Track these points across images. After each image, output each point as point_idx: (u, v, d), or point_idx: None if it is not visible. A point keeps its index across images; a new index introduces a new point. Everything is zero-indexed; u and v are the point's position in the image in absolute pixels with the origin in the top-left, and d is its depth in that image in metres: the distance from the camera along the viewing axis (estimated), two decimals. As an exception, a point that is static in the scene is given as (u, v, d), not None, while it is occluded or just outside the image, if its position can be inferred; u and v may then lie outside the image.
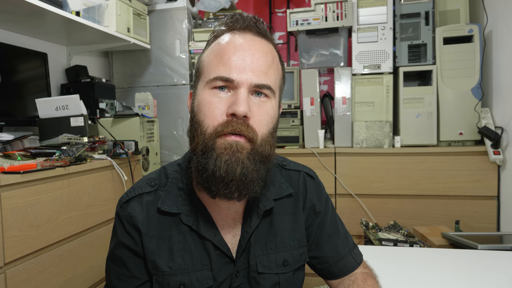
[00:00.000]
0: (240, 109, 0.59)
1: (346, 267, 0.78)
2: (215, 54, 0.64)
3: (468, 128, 1.89)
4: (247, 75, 0.61)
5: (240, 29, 0.65)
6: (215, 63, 0.63)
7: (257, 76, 0.61)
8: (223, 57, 0.62)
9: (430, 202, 1.90)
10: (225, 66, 0.61)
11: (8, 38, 1.62)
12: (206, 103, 0.62)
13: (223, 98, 0.62)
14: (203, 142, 0.61)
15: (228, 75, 0.60)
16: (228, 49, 0.62)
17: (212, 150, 0.60)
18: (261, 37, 0.65)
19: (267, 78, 0.63)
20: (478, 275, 0.95)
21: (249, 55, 0.62)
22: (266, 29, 0.67)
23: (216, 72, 0.62)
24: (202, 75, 0.66)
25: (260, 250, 0.71)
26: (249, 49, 0.62)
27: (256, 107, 0.62)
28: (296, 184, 0.77)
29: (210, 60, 0.64)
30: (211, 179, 0.60)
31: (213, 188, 0.61)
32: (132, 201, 0.71)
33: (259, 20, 0.67)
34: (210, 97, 0.62)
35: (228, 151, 0.59)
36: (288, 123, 2.14)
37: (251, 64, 0.61)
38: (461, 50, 1.91)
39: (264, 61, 0.63)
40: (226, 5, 2.24)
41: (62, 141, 1.40)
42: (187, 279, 0.67)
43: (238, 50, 0.62)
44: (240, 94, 0.60)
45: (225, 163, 0.59)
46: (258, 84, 0.61)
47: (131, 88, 2.34)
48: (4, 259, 0.98)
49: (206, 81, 0.63)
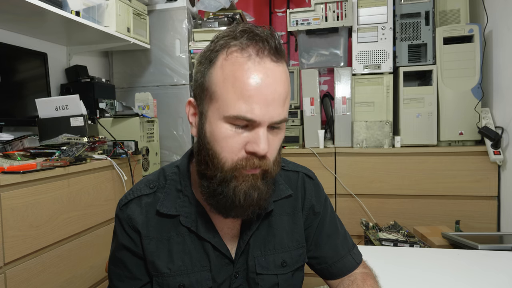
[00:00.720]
0: (262, 150, 0.58)
1: (345, 267, 0.78)
2: (231, 82, 0.58)
3: (468, 128, 1.89)
4: (269, 114, 0.58)
5: (259, 53, 0.58)
6: (234, 97, 0.57)
7: (277, 113, 0.59)
8: (243, 92, 0.57)
9: (430, 202, 1.90)
10: (246, 104, 0.57)
11: (8, 38, 1.62)
12: (223, 137, 0.60)
13: (240, 133, 0.60)
14: (221, 174, 0.61)
15: (250, 117, 0.57)
16: (248, 82, 0.57)
17: (230, 181, 0.61)
18: (279, 63, 0.60)
19: (284, 111, 0.61)
20: (478, 275, 0.95)
21: (271, 91, 0.58)
22: (283, 50, 0.62)
23: (237, 110, 0.57)
24: (215, 102, 0.60)
25: (259, 251, 0.71)
26: (270, 82, 0.58)
27: (271, 139, 0.62)
28: (295, 185, 0.77)
29: (225, 89, 0.58)
30: (230, 206, 0.62)
31: (230, 213, 0.63)
32: (131, 203, 0.71)
33: (276, 39, 0.61)
34: (228, 131, 0.59)
35: (246, 182, 0.61)
36: (288, 123, 2.14)
37: (273, 101, 0.58)
38: (461, 50, 1.91)
39: (284, 92, 0.60)
40: (226, 5, 2.24)
41: (62, 141, 1.40)
42: (186, 280, 0.68)
43: (259, 83, 0.57)
44: (260, 134, 0.59)
45: (244, 193, 0.61)
46: (278, 121, 0.60)
47: (131, 88, 2.34)
48: (4, 259, 0.98)
49: (223, 115, 0.59)
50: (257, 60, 0.58)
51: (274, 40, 0.60)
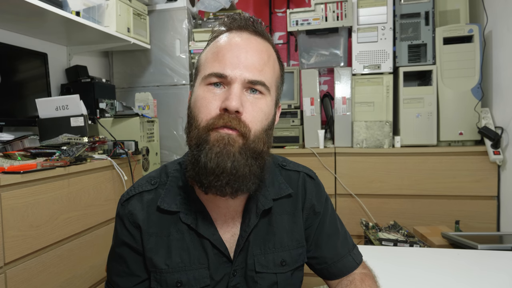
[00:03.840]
0: (232, 104, 0.60)
1: (345, 267, 0.78)
2: (211, 52, 0.66)
3: (468, 128, 1.89)
4: (241, 71, 0.62)
5: (237, 28, 0.67)
6: (211, 60, 0.65)
7: (250, 72, 0.62)
8: (218, 54, 0.64)
9: (430, 202, 1.90)
10: (220, 63, 0.63)
11: (8, 38, 1.62)
12: (200, 98, 0.64)
13: (217, 93, 0.63)
14: (197, 135, 0.62)
15: (222, 71, 0.62)
16: (224, 47, 0.64)
17: (205, 142, 0.61)
18: (257, 36, 0.67)
19: (262, 75, 0.64)
20: (478, 275, 0.95)
21: (243, 52, 0.63)
22: (263, 29, 0.68)
23: (211, 68, 0.63)
24: (199, 73, 0.68)
25: (259, 250, 0.71)
26: (244, 47, 0.64)
27: (249, 103, 0.63)
28: (296, 184, 0.77)
29: (206, 58, 0.66)
30: (202, 171, 0.60)
31: (204, 181, 0.61)
32: (132, 199, 0.72)
33: (257, 20, 0.69)
34: (205, 93, 0.63)
35: (220, 143, 0.60)
36: (288, 123, 2.14)
37: (245, 60, 0.63)
38: (461, 50, 1.91)
39: (259, 58, 0.64)
40: (226, 5, 2.24)
41: (62, 141, 1.40)
42: (184, 277, 0.68)
43: (233, 47, 0.64)
44: (233, 90, 0.61)
45: (216, 155, 0.59)
46: (252, 80, 0.62)
47: (131, 88, 2.34)
48: (4, 259, 0.98)
49: (202, 77, 0.65)
50: (236, 31, 0.66)
51: (253, 20, 0.67)
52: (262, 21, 0.70)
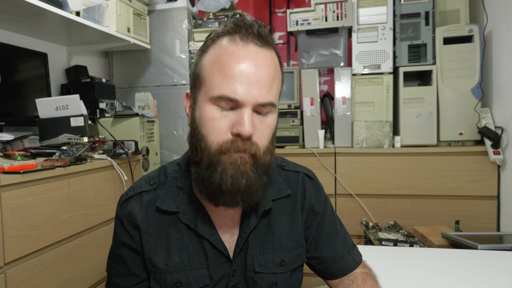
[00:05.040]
0: (245, 131, 0.59)
1: (345, 267, 0.78)
2: (217, 65, 0.62)
3: (468, 128, 1.89)
4: (252, 94, 0.60)
5: (243, 38, 0.62)
6: (218, 78, 0.61)
7: (261, 94, 0.61)
8: (226, 72, 0.60)
9: (430, 202, 1.90)
10: (228, 82, 0.60)
11: (8, 38, 1.62)
12: (209, 119, 0.62)
13: (226, 115, 0.61)
14: (208, 157, 0.62)
15: (232, 96, 0.60)
16: (231, 63, 0.61)
17: (217, 165, 0.61)
18: (263, 47, 0.63)
19: (270, 94, 0.62)
20: (478, 275, 0.95)
21: (253, 72, 0.60)
22: (268, 34, 0.65)
23: (220, 89, 0.60)
24: (203, 86, 0.64)
25: (258, 250, 0.71)
26: (253, 63, 0.61)
27: (258, 123, 0.62)
28: (295, 185, 0.78)
29: (211, 72, 0.62)
30: (217, 192, 0.62)
31: (219, 200, 0.63)
32: (131, 200, 0.72)
33: (262, 25, 0.65)
34: (213, 113, 0.61)
35: (233, 165, 0.61)
36: (288, 123, 2.14)
37: (255, 81, 0.60)
38: (461, 50, 1.91)
39: (268, 76, 0.62)
40: (226, 5, 2.24)
41: (62, 141, 1.40)
42: (183, 277, 0.68)
43: (241, 64, 0.60)
44: (244, 114, 0.60)
45: (230, 177, 0.61)
46: (262, 103, 0.61)
47: (131, 88, 2.34)
48: (4, 259, 0.98)
49: (209, 96, 0.62)
50: (241, 44, 0.62)
51: (258, 27, 0.63)
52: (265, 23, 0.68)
